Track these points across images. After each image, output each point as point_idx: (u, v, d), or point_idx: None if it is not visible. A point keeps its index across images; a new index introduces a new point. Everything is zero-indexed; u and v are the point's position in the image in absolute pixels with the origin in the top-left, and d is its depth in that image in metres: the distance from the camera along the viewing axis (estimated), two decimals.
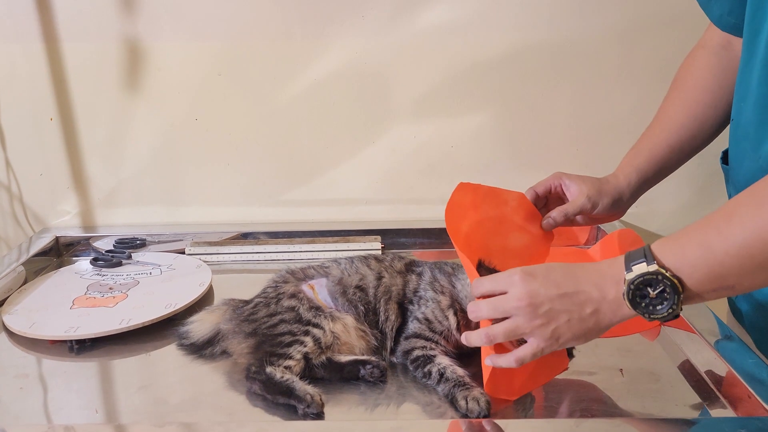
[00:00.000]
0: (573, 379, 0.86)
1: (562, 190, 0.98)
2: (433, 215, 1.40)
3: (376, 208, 1.41)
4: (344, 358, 0.87)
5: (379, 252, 1.29)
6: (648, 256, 0.65)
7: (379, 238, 1.32)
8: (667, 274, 0.64)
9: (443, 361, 0.85)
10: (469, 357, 0.87)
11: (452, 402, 0.80)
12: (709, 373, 0.84)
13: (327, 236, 1.33)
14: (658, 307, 0.65)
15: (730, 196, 0.98)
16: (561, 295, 0.69)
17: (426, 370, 0.85)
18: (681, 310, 0.65)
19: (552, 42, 1.32)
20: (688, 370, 0.86)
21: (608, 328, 0.70)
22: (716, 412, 0.78)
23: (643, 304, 0.66)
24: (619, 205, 0.97)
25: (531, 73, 1.34)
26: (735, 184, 0.92)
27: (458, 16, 1.30)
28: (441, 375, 0.83)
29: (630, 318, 0.68)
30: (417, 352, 0.87)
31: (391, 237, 1.34)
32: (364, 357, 0.88)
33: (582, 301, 0.68)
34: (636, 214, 1.40)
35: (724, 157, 0.98)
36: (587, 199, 0.94)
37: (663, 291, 0.64)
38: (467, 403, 0.77)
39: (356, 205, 1.41)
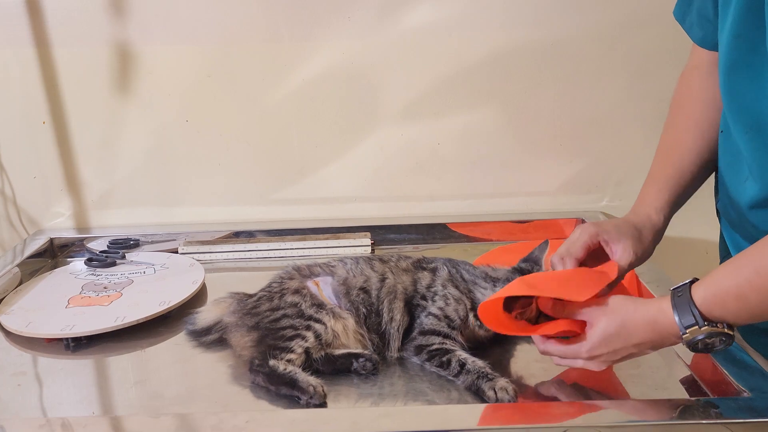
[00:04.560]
0: (556, 365, 0.89)
1: (601, 245, 0.91)
2: (421, 212, 1.43)
3: (365, 206, 1.43)
4: (338, 351, 0.89)
5: (370, 249, 1.32)
6: (697, 317, 0.73)
7: (368, 234, 1.34)
8: (719, 329, 0.73)
9: (463, 353, 0.87)
10: (482, 350, 0.90)
11: (477, 393, 0.81)
12: (687, 357, 0.86)
13: (318, 234, 1.35)
14: (717, 346, 0.74)
15: (719, 201, 1.00)
16: (628, 354, 0.79)
17: (445, 359, 0.86)
18: (733, 341, 0.74)
19: (535, 41, 1.34)
20: (667, 355, 0.89)
21: None
22: (694, 394, 0.80)
23: (701, 347, 0.74)
24: (655, 245, 0.95)
25: (515, 72, 1.36)
26: (726, 191, 0.93)
27: (443, 16, 1.33)
28: (462, 366, 0.84)
29: None
30: (435, 346, 0.88)
31: (381, 233, 1.36)
32: (357, 350, 0.89)
33: (645, 346, 0.78)
34: (620, 206, 1.43)
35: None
36: (635, 257, 0.89)
37: (716, 338, 0.73)
38: (496, 393, 0.79)
39: (346, 202, 1.43)
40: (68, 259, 1.34)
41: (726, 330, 0.73)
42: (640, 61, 1.35)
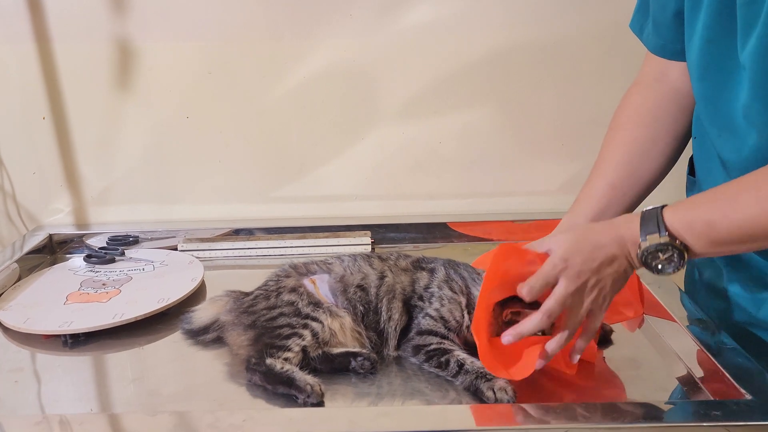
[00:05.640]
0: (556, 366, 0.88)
1: None
2: (421, 210, 1.42)
3: (365, 204, 1.43)
4: (335, 350, 0.88)
5: (370, 247, 1.31)
6: (661, 227, 0.75)
7: (368, 233, 1.34)
8: (676, 244, 0.75)
9: (461, 353, 0.86)
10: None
11: (475, 393, 0.80)
12: (688, 359, 0.86)
13: (317, 232, 1.35)
14: (667, 268, 0.76)
15: None
16: (601, 265, 0.77)
17: (443, 359, 0.85)
18: (684, 267, 0.76)
19: (536, 41, 1.34)
20: (667, 356, 0.89)
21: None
22: (694, 396, 0.80)
23: (653, 264, 0.76)
24: None
25: (516, 71, 1.36)
26: None
27: (445, 15, 1.32)
28: (460, 366, 0.84)
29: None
30: (433, 346, 0.88)
31: (381, 232, 1.36)
32: (355, 349, 0.89)
33: (617, 263, 0.78)
34: None
35: (691, 170, 1.00)
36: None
37: (671, 255, 0.75)
38: (495, 394, 0.78)
39: (346, 201, 1.43)
40: (67, 256, 1.34)
41: (681, 248, 0.74)
42: (641, 61, 1.33)
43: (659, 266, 0.76)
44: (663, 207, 0.76)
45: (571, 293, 0.77)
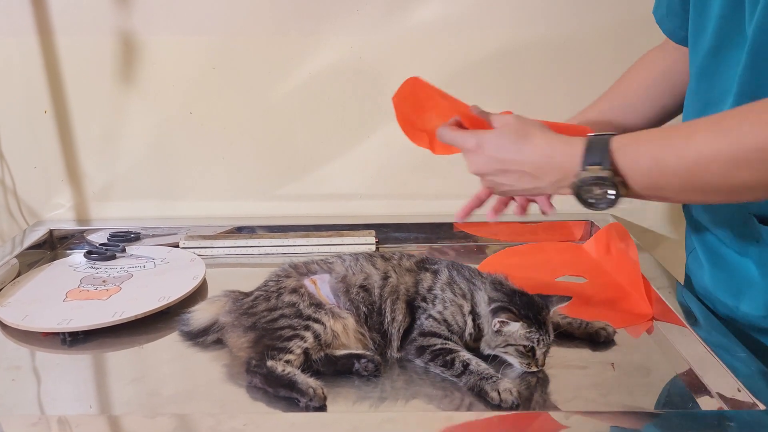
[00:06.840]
0: (564, 372, 0.87)
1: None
2: (427, 210, 1.41)
3: (370, 203, 1.41)
4: (339, 352, 0.87)
5: (374, 247, 1.30)
6: (605, 160, 0.71)
7: (373, 232, 1.32)
8: (617, 180, 0.71)
9: (466, 354, 0.85)
10: (482, 358, 0.88)
11: (479, 394, 0.79)
12: (700, 367, 0.84)
13: (321, 231, 1.33)
14: (600, 203, 0.73)
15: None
16: (502, 171, 0.82)
17: (449, 358, 0.84)
18: (616, 206, 0.74)
19: (547, 38, 1.32)
20: (678, 364, 0.87)
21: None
22: (706, 406, 0.78)
23: (586, 197, 0.74)
24: None
25: (526, 69, 1.34)
26: None
27: (453, 12, 1.31)
28: (465, 366, 0.82)
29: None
30: (438, 346, 0.87)
31: (385, 232, 1.34)
32: (359, 351, 0.88)
33: (523, 176, 0.80)
34: (628, 209, 1.41)
35: None
36: None
37: (606, 191, 0.72)
38: (500, 395, 0.77)
39: (350, 199, 1.42)
40: (67, 252, 1.32)
41: (620, 184, 0.71)
42: None
43: (591, 201, 0.73)
44: (612, 135, 0.73)
45: (473, 171, 0.83)
